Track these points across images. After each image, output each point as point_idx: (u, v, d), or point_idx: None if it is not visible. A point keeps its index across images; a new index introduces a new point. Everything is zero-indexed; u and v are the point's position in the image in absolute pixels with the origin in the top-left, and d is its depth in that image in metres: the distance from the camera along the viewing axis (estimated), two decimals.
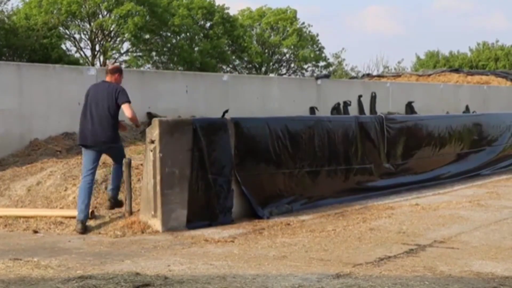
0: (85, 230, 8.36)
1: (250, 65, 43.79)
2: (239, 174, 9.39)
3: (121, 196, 9.12)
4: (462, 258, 6.89)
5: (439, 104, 23.39)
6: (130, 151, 11.63)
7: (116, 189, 9.04)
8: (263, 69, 43.61)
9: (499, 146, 15.04)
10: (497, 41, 50.89)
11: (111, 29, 34.68)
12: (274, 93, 18.45)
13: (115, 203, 9.06)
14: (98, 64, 34.69)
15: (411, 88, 24.33)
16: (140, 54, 37.16)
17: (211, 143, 8.98)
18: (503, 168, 15.12)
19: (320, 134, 10.82)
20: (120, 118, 8.87)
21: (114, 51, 36.23)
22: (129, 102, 8.62)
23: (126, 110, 8.59)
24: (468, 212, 9.86)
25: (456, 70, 33.26)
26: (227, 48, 41.17)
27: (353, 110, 20.30)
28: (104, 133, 8.64)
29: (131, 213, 8.84)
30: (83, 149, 8.84)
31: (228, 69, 42.81)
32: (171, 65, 37.18)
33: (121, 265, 6.53)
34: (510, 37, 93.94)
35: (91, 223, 8.66)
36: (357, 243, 7.72)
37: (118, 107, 8.67)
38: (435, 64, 49.40)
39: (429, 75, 31.69)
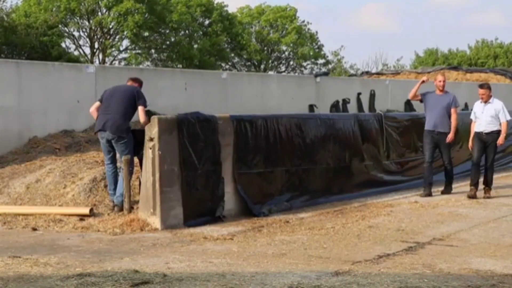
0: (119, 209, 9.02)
1: (249, 63, 43.73)
2: (237, 172, 9.39)
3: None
4: (461, 256, 6.90)
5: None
6: None
7: (121, 196, 9.12)
8: (262, 66, 43.56)
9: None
10: (496, 39, 50.84)
11: (110, 26, 34.63)
12: (273, 90, 18.44)
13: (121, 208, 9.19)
14: (97, 61, 34.65)
15: (410, 86, 24.25)
16: (139, 51, 37.09)
17: (206, 138, 9.01)
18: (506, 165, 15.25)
19: (319, 132, 10.83)
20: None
21: (113, 49, 36.18)
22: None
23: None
24: (467, 210, 9.88)
25: (455, 68, 33.22)
26: (226, 45, 41.13)
27: (352, 108, 20.30)
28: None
29: (130, 210, 8.84)
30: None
31: (227, 66, 42.77)
32: (170, 62, 37.14)
33: (120, 263, 6.53)
34: (509, 34, 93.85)
35: (90, 220, 8.67)
36: (356, 240, 7.72)
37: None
38: (434, 61, 49.33)
39: (428, 72, 31.65)
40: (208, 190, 8.96)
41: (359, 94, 20.99)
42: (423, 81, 11.73)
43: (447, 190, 11.55)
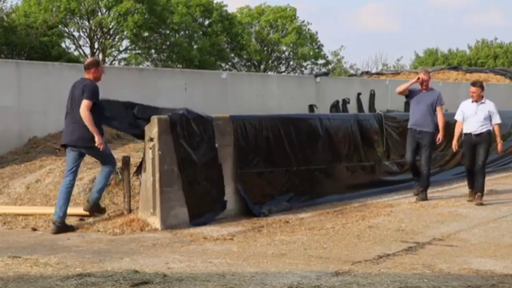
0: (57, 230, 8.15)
1: (249, 63, 43.78)
2: (237, 172, 9.39)
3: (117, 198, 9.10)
4: (461, 256, 6.89)
5: None
6: (129, 149, 11.64)
7: (97, 192, 8.54)
8: (262, 66, 43.60)
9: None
10: (496, 39, 50.87)
11: (110, 26, 34.64)
12: (273, 90, 18.46)
13: (93, 208, 8.59)
14: None
15: None
16: (139, 52, 37.12)
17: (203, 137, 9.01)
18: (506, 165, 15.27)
19: (319, 132, 10.83)
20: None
21: (113, 49, 36.19)
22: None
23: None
24: (467, 210, 9.88)
25: (455, 68, 33.23)
26: (226, 45, 41.16)
27: (352, 108, 20.31)
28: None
29: (130, 211, 8.84)
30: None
31: (227, 66, 42.79)
32: (170, 62, 37.15)
33: (120, 263, 6.53)
34: (509, 34, 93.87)
35: (90, 220, 8.66)
36: (356, 241, 7.72)
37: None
38: (434, 61, 49.35)
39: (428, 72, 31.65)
40: (209, 183, 8.96)
41: (359, 94, 21.00)
42: (418, 79, 11.17)
43: (422, 197, 10.68)
